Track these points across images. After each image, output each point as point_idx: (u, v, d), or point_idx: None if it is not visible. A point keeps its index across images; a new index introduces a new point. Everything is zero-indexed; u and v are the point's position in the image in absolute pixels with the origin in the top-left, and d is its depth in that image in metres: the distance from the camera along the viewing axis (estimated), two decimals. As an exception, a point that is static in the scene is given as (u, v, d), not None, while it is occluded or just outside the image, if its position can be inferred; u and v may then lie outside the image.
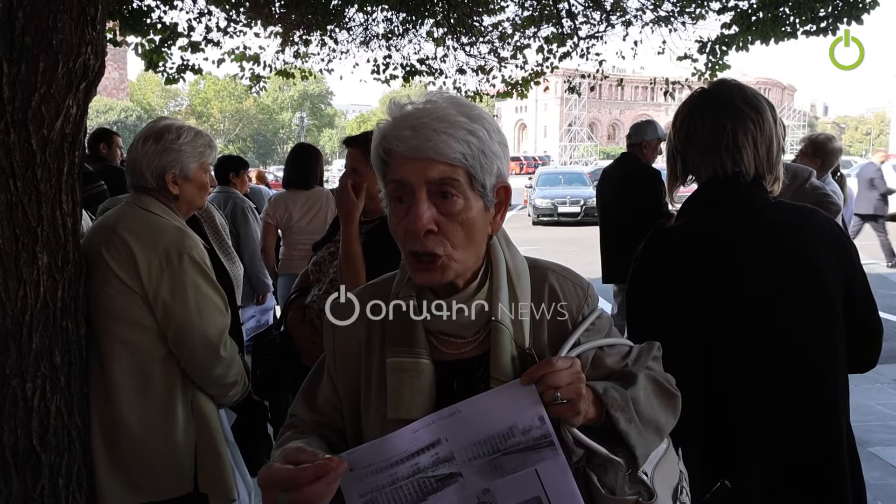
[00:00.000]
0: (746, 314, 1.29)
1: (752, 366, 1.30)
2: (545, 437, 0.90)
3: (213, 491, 1.70)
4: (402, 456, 0.92)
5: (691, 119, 1.38)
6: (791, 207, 1.36)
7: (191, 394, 1.72)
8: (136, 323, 1.65)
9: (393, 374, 0.97)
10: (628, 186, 4.16)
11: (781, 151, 1.36)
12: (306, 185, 3.91)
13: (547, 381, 0.89)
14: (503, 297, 0.98)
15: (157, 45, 5.99)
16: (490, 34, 6.91)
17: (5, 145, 1.45)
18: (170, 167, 1.76)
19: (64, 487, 1.61)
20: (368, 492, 0.92)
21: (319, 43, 6.89)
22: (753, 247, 1.30)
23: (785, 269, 1.29)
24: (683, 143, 1.39)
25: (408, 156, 0.91)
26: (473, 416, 0.91)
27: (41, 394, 1.55)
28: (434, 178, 0.90)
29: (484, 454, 0.91)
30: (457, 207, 0.92)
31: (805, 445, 1.30)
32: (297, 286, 2.16)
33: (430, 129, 0.90)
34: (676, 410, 1.06)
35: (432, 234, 0.91)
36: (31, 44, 1.44)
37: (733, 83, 1.38)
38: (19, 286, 1.50)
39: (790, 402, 1.30)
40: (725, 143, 1.33)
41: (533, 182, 18.08)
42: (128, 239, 1.66)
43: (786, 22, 5.29)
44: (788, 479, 1.30)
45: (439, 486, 0.92)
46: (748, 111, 1.32)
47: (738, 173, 1.33)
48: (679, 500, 1.03)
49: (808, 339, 1.30)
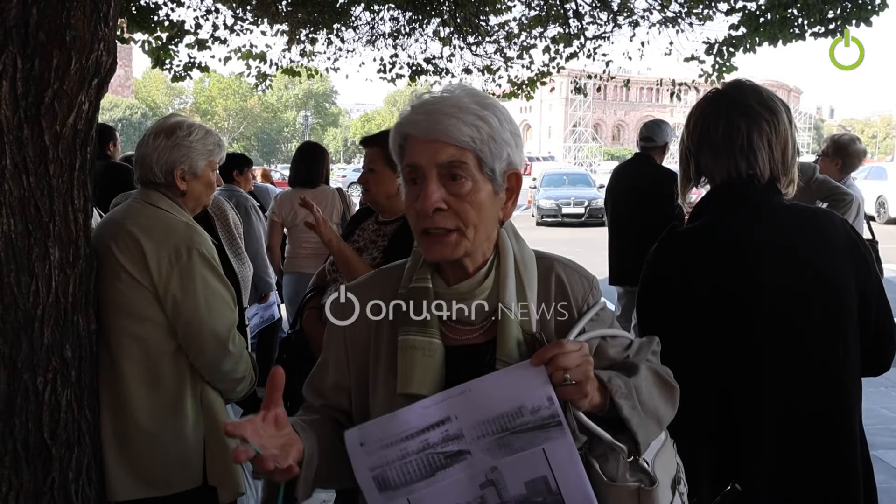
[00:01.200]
0: (758, 316, 1.28)
1: (764, 367, 1.29)
2: (553, 418, 0.91)
3: (221, 484, 1.71)
4: (413, 431, 0.94)
5: (705, 120, 1.36)
6: (806, 210, 1.36)
7: (199, 388, 1.73)
8: (146, 318, 1.66)
9: (404, 352, 1.00)
10: (642, 188, 4.07)
11: (797, 153, 1.35)
12: (312, 183, 3.92)
13: (557, 361, 0.90)
14: (510, 285, 1.02)
15: (164, 43, 6.01)
16: (496, 34, 6.91)
17: (18, 140, 1.45)
18: (179, 163, 1.77)
19: (74, 481, 1.62)
20: (379, 466, 0.95)
21: (326, 41, 6.90)
22: (767, 249, 1.29)
23: (799, 272, 1.29)
24: (697, 144, 1.38)
25: (420, 138, 0.96)
26: (483, 394, 0.93)
27: (52, 388, 1.56)
28: (443, 160, 0.95)
29: (492, 432, 0.93)
30: (465, 189, 0.96)
31: (818, 449, 1.29)
32: (313, 285, 2.18)
33: (442, 114, 0.95)
34: (675, 402, 1.08)
35: (441, 211, 0.96)
36: (44, 40, 1.45)
37: (748, 84, 1.37)
38: (31, 280, 1.51)
39: (802, 403, 1.29)
40: (740, 145, 1.31)
41: (537, 182, 18.07)
42: (137, 234, 1.67)
43: (794, 23, 5.27)
44: (801, 482, 1.29)
45: (448, 462, 0.94)
46: (763, 112, 1.31)
47: (753, 175, 1.32)
48: (678, 490, 1.04)
49: (821, 342, 1.29)
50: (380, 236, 2.06)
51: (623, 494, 0.97)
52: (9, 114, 1.43)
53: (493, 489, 0.94)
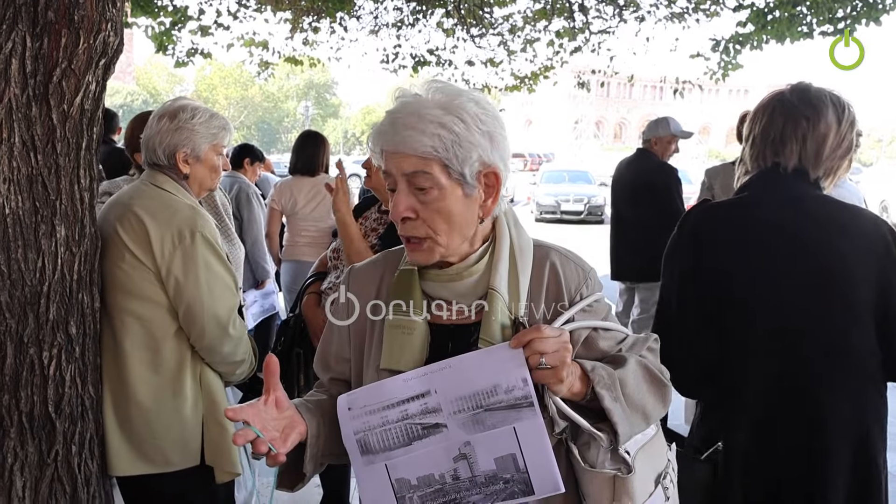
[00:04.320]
0: (753, 295, 1.35)
1: (752, 340, 1.36)
2: (526, 399, 0.95)
3: (218, 464, 1.74)
4: (394, 401, 0.99)
5: (755, 117, 1.48)
6: (836, 204, 1.40)
7: (199, 369, 1.75)
8: (148, 298, 1.68)
9: (389, 330, 1.06)
10: (643, 183, 4.07)
11: (846, 150, 1.40)
12: (312, 171, 3.93)
13: (533, 346, 0.93)
14: (502, 269, 1.04)
15: (167, 28, 6.00)
16: (500, 26, 6.90)
17: (27, 119, 1.47)
18: (181, 146, 1.78)
19: (77, 454, 1.64)
20: (362, 430, 1.00)
21: (329, 30, 6.89)
22: (784, 230, 1.36)
23: (803, 259, 1.34)
24: (746, 139, 1.50)
25: (388, 150, 0.99)
26: (462, 371, 0.97)
27: (57, 363, 1.58)
28: (408, 170, 0.98)
29: (468, 408, 0.97)
30: (431, 196, 0.99)
31: (795, 426, 1.34)
32: (314, 271, 2.20)
33: (402, 125, 0.97)
34: (665, 400, 1.09)
35: (410, 220, 1.00)
36: (53, 19, 1.46)
37: (802, 84, 1.46)
38: (38, 257, 1.52)
39: (786, 380, 1.34)
40: (773, 138, 1.42)
41: (537, 179, 18.06)
42: (142, 216, 1.69)
43: (802, 21, 5.26)
44: (776, 461, 1.34)
45: (425, 433, 0.98)
46: (804, 109, 1.40)
47: (778, 164, 1.41)
48: (662, 484, 1.07)
49: (813, 327, 1.33)
50: (380, 224, 2.08)
51: (599, 480, 1.01)
52: (17, 92, 1.44)
53: (465, 462, 0.98)
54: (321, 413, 1.06)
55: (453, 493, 0.99)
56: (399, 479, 1.00)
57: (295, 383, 2.11)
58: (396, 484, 1.00)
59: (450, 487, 0.99)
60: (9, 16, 1.42)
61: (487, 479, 0.98)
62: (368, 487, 1.01)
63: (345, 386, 1.15)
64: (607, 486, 1.01)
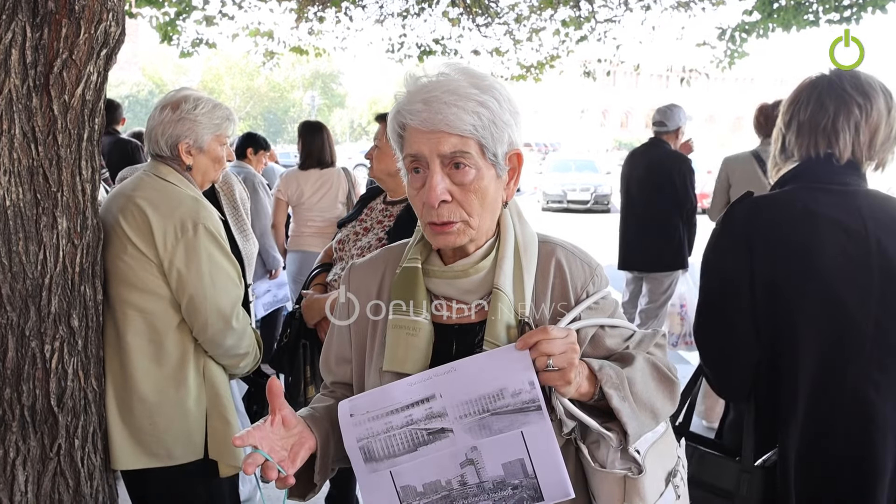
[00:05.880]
0: (808, 289, 1.30)
1: (802, 337, 1.31)
2: (533, 402, 0.92)
3: (221, 458, 1.73)
4: (398, 406, 0.96)
5: (798, 102, 1.40)
6: (884, 198, 1.36)
7: (202, 362, 1.74)
8: (151, 291, 1.67)
9: (391, 330, 1.03)
10: (654, 173, 4.01)
11: (894, 140, 1.35)
12: (326, 163, 3.93)
13: (540, 347, 0.91)
14: (506, 267, 1.01)
15: (171, 19, 5.97)
16: (506, 15, 6.83)
17: (27, 110, 1.45)
18: (184, 137, 1.77)
19: (80, 448, 1.64)
20: (365, 437, 0.98)
21: (334, 20, 6.84)
22: (831, 224, 1.30)
23: (861, 254, 1.29)
24: (787, 124, 1.42)
25: (421, 129, 0.94)
26: (467, 375, 0.94)
27: (59, 356, 1.57)
28: (446, 151, 0.93)
29: (474, 413, 0.94)
30: (469, 177, 0.95)
31: (844, 428, 1.30)
32: (319, 262, 2.19)
33: (442, 103, 0.92)
34: (674, 397, 1.08)
35: (446, 203, 0.95)
36: (53, 9, 1.44)
37: (850, 70, 1.40)
38: (39, 249, 1.51)
39: (835, 378, 1.30)
40: (823, 126, 1.35)
41: (543, 168, 17.99)
42: (144, 207, 1.67)
43: (809, 9, 5.20)
44: (825, 455, 1.30)
45: (430, 438, 0.96)
46: (856, 96, 1.33)
47: (831, 155, 1.35)
48: (672, 482, 1.05)
49: (869, 324, 1.29)
50: (386, 216, 2.06)
51: (610, 481, 0.99)
52: (17, 83, 1.43)
53: (472, 468, 0.96)
54: (329, 420, 1.04)
55: (460, 500, 0.97)
56: (404, 486, 0.98)
57: (301, 375, 2.11)
58: (402, 491, 0.98)
59: (457, 494, 0.97)
60: (8, 6, 1.40)
61: (495, 484, 0.96)
62: (373, 496, 0.99)
63: (348, 389, 1.13)
64: (618, 486, 0.99)
